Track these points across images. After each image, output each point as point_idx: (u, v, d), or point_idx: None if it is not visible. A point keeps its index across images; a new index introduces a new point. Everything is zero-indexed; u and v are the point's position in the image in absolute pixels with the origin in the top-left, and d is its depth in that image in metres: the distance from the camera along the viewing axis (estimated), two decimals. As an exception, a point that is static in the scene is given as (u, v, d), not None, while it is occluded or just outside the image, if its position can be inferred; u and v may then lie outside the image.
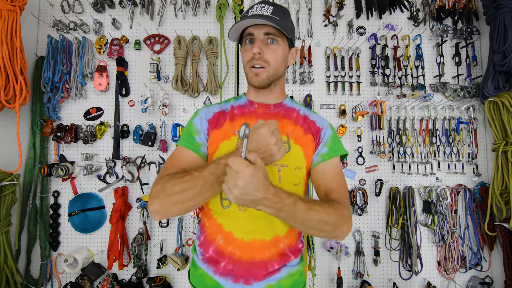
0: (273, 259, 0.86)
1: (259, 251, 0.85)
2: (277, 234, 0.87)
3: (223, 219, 0.88)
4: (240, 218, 0.86)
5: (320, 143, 0.92)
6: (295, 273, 0.90)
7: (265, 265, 0.85)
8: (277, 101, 0.98)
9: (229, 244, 0.86)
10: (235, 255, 0.85)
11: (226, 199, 0.88)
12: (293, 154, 0.89)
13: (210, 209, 0.91)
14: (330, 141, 0.92)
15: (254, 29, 0.87)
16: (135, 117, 1.80)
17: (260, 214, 0.84)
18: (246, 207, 0.84)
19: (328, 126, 0.96)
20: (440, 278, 1.75)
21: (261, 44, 0.87)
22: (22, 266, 1.71)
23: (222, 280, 0.85)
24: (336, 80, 1.81)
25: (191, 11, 1.83)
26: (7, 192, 1.49)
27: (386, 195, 1.78)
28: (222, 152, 0.88)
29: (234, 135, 0.90)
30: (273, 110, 0.96)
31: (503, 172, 1.58)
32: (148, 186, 1.74)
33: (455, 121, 1.77)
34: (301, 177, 0.90)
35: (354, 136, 1.80)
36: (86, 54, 1.77)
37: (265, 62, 0.87)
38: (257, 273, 0.84)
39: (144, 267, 1.71)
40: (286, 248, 0.88)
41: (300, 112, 0.98)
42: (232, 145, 0.88)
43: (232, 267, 0.85)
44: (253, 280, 0.84)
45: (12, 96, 1.50)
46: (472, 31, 1.78)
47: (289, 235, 0.89)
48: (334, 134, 0.95)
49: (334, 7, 1.84)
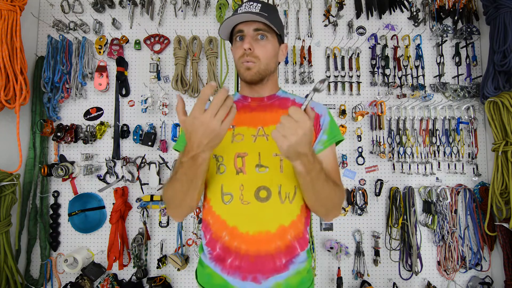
0: (279, 252, 0.84)
1: (265, 244, 0.84)
2: (282, 225, 0.86)
3: (226, 215, 0.87)
4: (243, 212, 0.85)
5: (321, 129, 0.93)
6: (302, 271, 0.89)
7: (272, 258, 0.83)
8: (271, 93, 0.99)
9: (234, 239, 0.85)
10: (242, 250, 0.84)
11: (227, 194, 0.87)
12: None
13: (211, 206, 0.90)
14: (329, 127, 0.94)
15: (244, 25, 0.90)
16: (135, 117, 1.80)
17: (264, 206, 0.85)
18: (249, 201, 0.85)
19: (326, 112, 0.97)
20: (440, 278, 1.75)
21: (251, 40, 0.89)
22: (22, 266, 1.71)
23: (230, 278, 0.84)
24: (336, 80, 1.81)
25: (191, 11, 1.83)
26: (7, 192, 1.49)
27: (386, 195, 1.78)
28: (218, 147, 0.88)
29: (229, 129, 0.91)
30: (267, 102, 0.98)
31: (503, 172, 1.58)
32: (148, 186, 1.74)
33: (455, 121, 1.77)
34: None
35: (354, 136, 1.80)
36: (86, 54, 1.77)
37: (255, 58, 0.89)
38: (264, 267, 0.83)
39: (144, 267, 1.71)
40: (293, 240, 0.87)
41: (296, 100, 0.99)
42: (227, 141, 0.90)
43: (239, 262, 0.84)
44: (261, 277, 0.83)
45: (12, 96, 1.50)
46: (472, 31, 1.78)
47: (294, 225, 0.88)
48: (332, 120, 0.96)
49: (334, 7, 1.84)
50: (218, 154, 0.90)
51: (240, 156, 0.88)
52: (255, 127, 0.91)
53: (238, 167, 0.87)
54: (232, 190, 0.87)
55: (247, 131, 0.91)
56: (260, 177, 0.86)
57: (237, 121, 0.92)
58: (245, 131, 0.91)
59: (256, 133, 0.90)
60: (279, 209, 0.85)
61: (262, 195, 0.85)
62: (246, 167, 0.87)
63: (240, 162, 0.87)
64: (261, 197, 0.85)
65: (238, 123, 0.92)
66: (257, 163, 0.87)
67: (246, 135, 0.90)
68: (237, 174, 0.87)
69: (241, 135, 0.90)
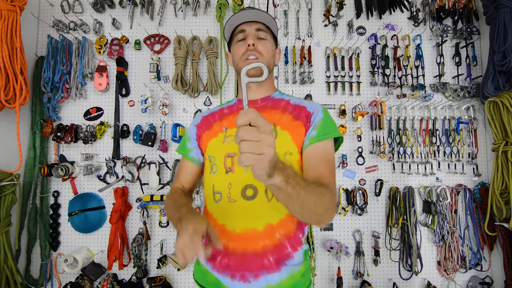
0: (267, 250, 0.84)
1: (251, 242, 0.84)
2: (269, 223, 0.85)
3: (217, 213, 0.90)
4: (231, 210, 0.87)
5: (310, 126, 0.90)
6: (296, 274, 0.87)
7: (259, 257, 0.83)
8: (265, 95, 1.01)
9: (223, 237, 0.86)
10: (229, 248, 0.85)
11: (217, 192, 0.89)
12: (280, 140, 0.89)
13: (206, 205, 0.95)
14: (320, 124, 0.90)
15: (246, 25, 0.97)
16: (135, 117, 1.80)
17: (250, 204, 0.85)
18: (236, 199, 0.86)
19: (319, 110, 0.94)
20: (440, 278, 1.75)
21: (254, 38, 0.94)
22: (22, 266, 1.71)
23: (221, 277, 0.86)
24: (336, 80, 1.81)
25: (191, 11, 1.83)
26: (7, 192, 1.49)
27: (386, 195, 1.78)
28: (211, 149, 0.94)
29: (221, 131, 0.95)
30: (260, 104, 1.00)
31: (503, 172, 1.58)
32: (148, 186, 1.74)
33: (455, 121, 1.77)
34: (294, 162, 0.89)
35: (354, 136, 1.80)
36: (86, 54, 1.77)
37: (259, 53, 0.94)
38: (251, 265, 0.83)
39: (144, 267, 1.71)
40: (283, 239, 0.86)
41: (290, 101, 1.00)
42: (219, 142, 0.94)
43: (228, 261, 0.85)
44: (248, 274, 0.83)
45: (12, 96, 1.50)
46: (472, 31, 1.78)
47: (283, 223, 0.86)
48: (326, 118, 0.92)
49: (334, 7, 1.84)
50: (211, 155, 0.94)
51: (230, 156, 0.90)
52: None
53: (227, 166, 0.89)
54: (221, 188, 0.89)
55: None
56: (247, 176, 0.87)
57: (231, 123, 0.96)
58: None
59: None
60: (265, 207, 0.85)
61: (249, 194, 0.86)
62: (235, 166, 0.89)
63: (230, 162, 0.89)
64: (248, 196, 0.86)
65: (231, 125, 0.95)
66: None
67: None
68: (227, 173, 0.89)
69: (232, 136, 0.93)
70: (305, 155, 0.89)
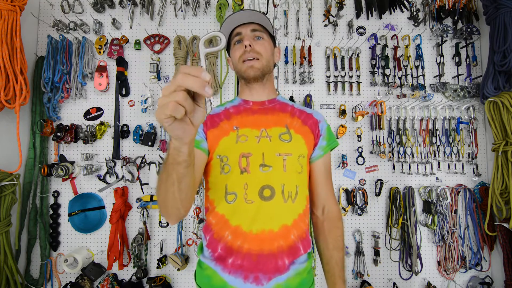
0: (282, 251, 0.84)
1: (268, 243, 0.84)
2: (285, 224, 0.86)
3: (230, 214, 0.87)
4: (248, 211, 0.85)
5: (321, 135, 0.98)
6: (302, 272, 0.88)
7: (274, 257, 0.83)
8: (271, 97, 1.03)
9: (237, 238, 0.84)
10: (244, 249, 0.84)
11: (231, 193, 0.88)
12: (295, 143, 0.93)
13: (215, 206, 0.91)
14: (327, 134, 0.99)
15: (241, 28, 0.97)
16: (135, 117, 1.80)
17: (267, 205, 0.86)
18: (253, 200, 0.86)
19: (323, 119, 1.03)
20: (440, 278, 1.75)
21: (250, 39, 0.95)
22: (22, 266, 1.71)
23: (231, 278, 0.83)
24: (336, 80, 1.81)
25: (191, 11, 1.83)
26: (7, 192, 1.49)
27: (386, 195, 1.78)
28: (223, 148, 0.92)
29: (233, 131, 0.94)
30: (268, 105, 1.00)
31: (503, 172, 1.58)
32: (148, 186, 1.74)
33: (455, 121, 1.77)
34: (304, 165, 0.94)
35: (354, 136, 1.80)
36: (86, 54, 1.77)
37: (257, 53, 0.94)
38: (266, 266, 0.83)
39: (144, 267, 1.71)
40: (297, 240, 0.87)
41: (294, 106, 1.04)
42: (232, 141, 0.92)
43: (241, 261, 0.83)
44: (262, 277, 0.82)
45: (12, 96, 1.50)
46: (472, 31, 1.78)
47: (297, 225, 0.88)
48: (329, 127, 1.02)
49: (334, 7, 1.84)
50: (222, 154, 0.91)
51: (244, 156, 0.89)
52: (258, 129, 0.93)
53: (242, 166, 0.88)
54: (236, 189, 0.87)
55: (250, 132, 0.93)
56: (264, 176, 0.87)
57: (241, 123, 0.95)
58: (249, 132, 0.93)
59: (260, 134, 0.93)
60: (282, 208, 0.86)
61: (266, 194, 0.86)
62: (250, 166, 0.88)
63: (245, 162, 0.88)
64: (265, 196, 0.86)
65: (242, 125, 0.95)
66: (261, 163, 0.88)
67: (250, 136, 0.92)
68: (242, 174, 0.88)
69: (246, 136, 0.92)
70: (315, 168, 0.97)
